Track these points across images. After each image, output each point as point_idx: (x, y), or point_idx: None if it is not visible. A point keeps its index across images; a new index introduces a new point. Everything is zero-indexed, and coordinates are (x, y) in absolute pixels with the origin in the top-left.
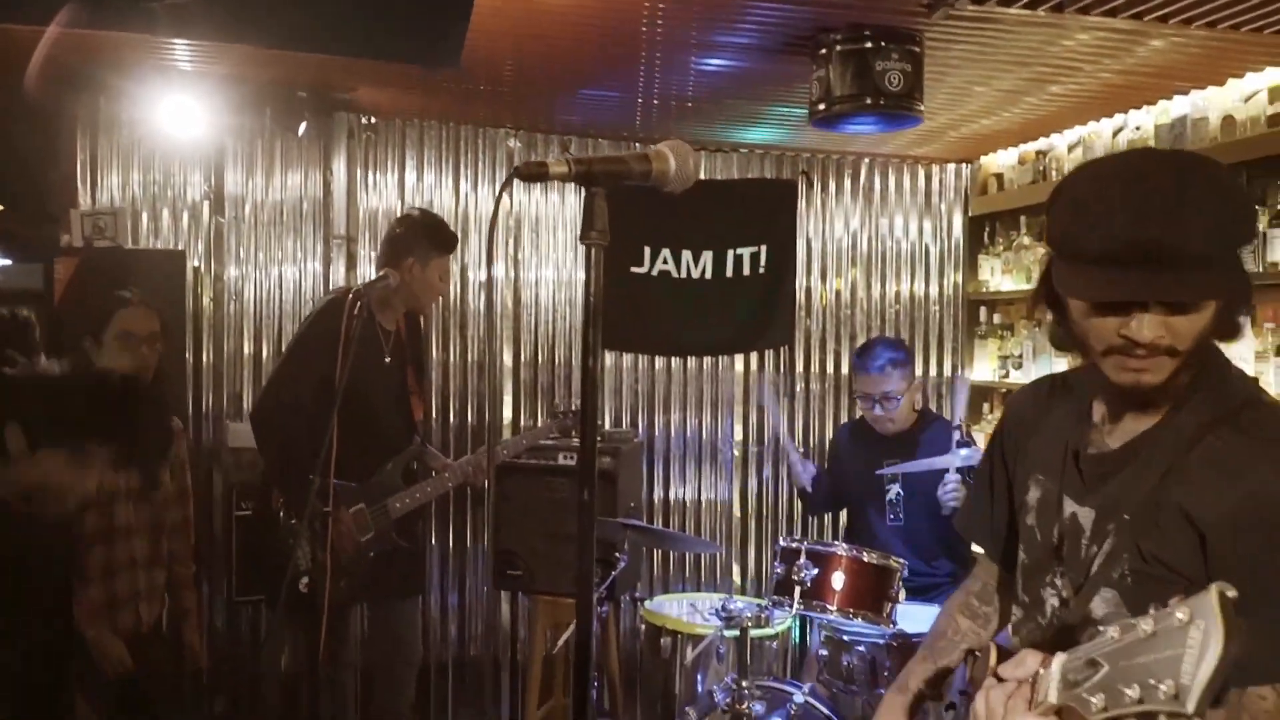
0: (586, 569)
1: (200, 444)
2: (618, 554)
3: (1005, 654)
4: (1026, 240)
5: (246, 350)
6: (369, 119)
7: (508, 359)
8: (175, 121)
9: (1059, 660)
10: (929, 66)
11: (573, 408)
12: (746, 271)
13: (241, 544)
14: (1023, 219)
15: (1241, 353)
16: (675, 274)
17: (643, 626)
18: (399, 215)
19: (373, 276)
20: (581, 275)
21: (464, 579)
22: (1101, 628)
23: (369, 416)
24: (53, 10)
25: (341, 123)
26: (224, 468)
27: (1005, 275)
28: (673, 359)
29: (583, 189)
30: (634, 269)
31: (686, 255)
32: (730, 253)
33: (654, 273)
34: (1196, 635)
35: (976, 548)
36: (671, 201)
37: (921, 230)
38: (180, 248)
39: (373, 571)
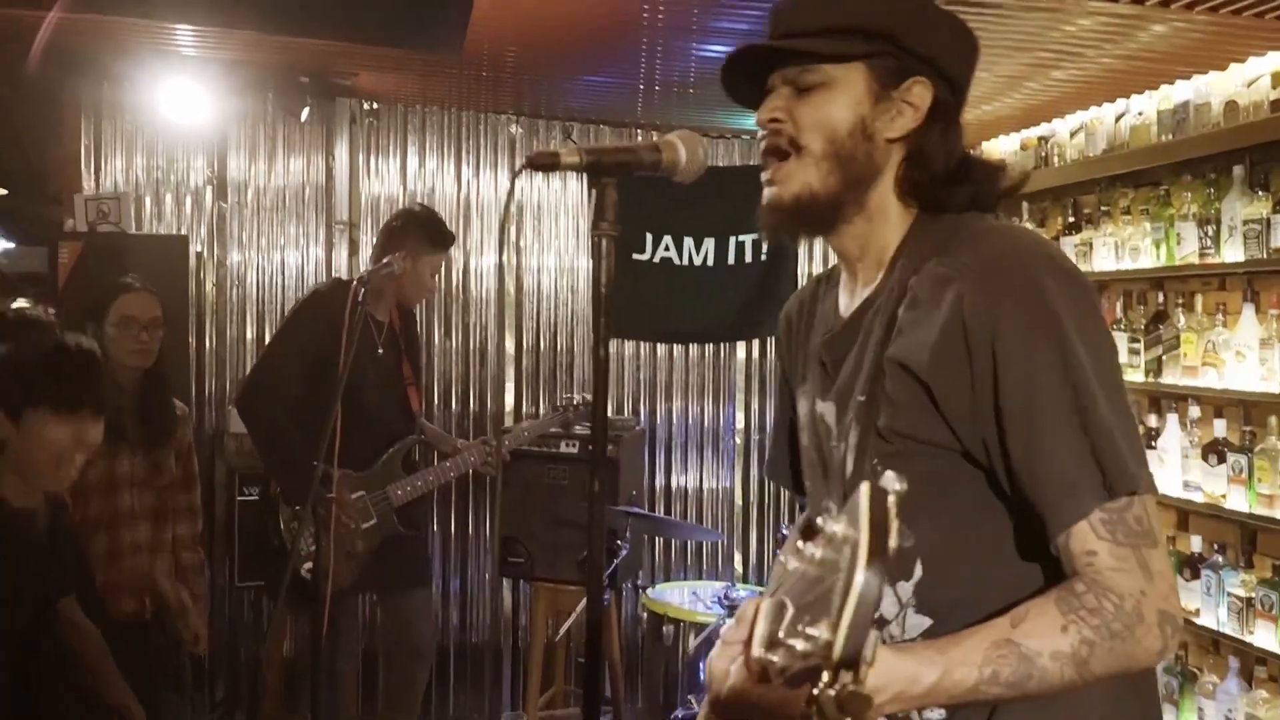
0: (597, 557)
1: (203, 429)
2: (619, 541)
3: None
4: (1029, 226)
5: (249, 335)
6: (371, 104)
7: (510, 346)
8: (178, 106)
9: (764, 605)
10: None
11: (574, 401)
12: (749, 259)
13: (244, 529)
14: (1025, 205)
15: (1246, 340)
16: (677, 261)
17: (644, 614)
18: (400, 209)
19: (369, 265)
20: (583, 262)
21: (465, 566)
22: (800, 546)
23: (362, 406)
24: None
25: (344, 108)
26: (226, 453)
27: None
28: (674, 346)
29: (591, 178)
30: (635, 256)
31: (688, 242)
32: (732, 240)
33: (655, 259)
34: (846, 555)
35: None
36: (673, 188)
37: None
38: (183, 233)
39: (378, 561)
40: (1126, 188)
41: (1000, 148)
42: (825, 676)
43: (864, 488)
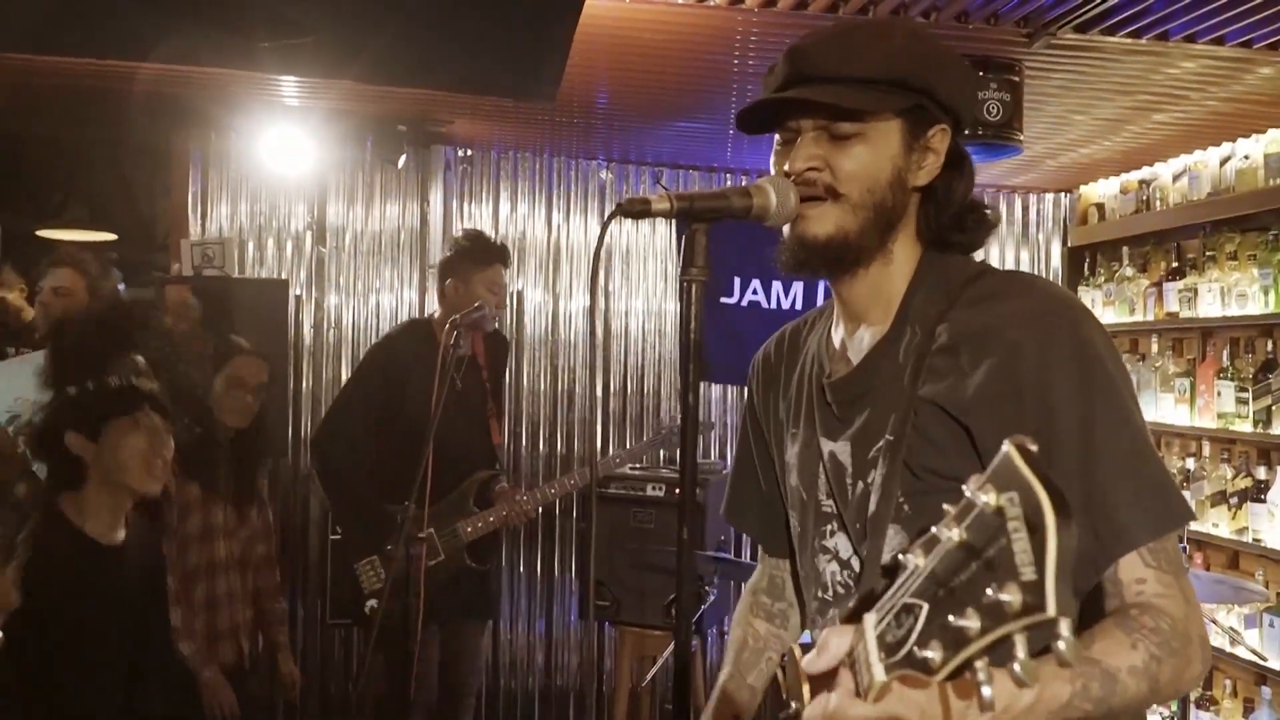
0: (686, 605)
1: (298, 468)
2: (707, 587)
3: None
4: (1129, 272)
5: (344, 376)
6: (465, 151)
7: (598, 389)
8: (280, 155)
9: (868, 625)
10: (1027, 94)
11: (674, 426)
12: None
13: (335, 568)
14: (1125, 250)
15: None
16: (766, 304)
17: None
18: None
19: (436, 306)
20: (671, 306)
21: (551, 607)
22: (901, 558)
23: (446, 442)
24: (165, 49)
25: (438, 154)
26: (320, 492)
27: (1107, 307)
28: None
29: (680, 224)
30: (724, 299)
31: (777, 286)
32: (821, 284)
33: (744, 303)
34: (1017, 514)
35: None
36: (763, 232)
37: (1019, 261)
38: (284, 276)
39: (443, 593)
40: (1233, 232)
41: (1100, 191)
42: (1021, 644)
43: (1008, 448)
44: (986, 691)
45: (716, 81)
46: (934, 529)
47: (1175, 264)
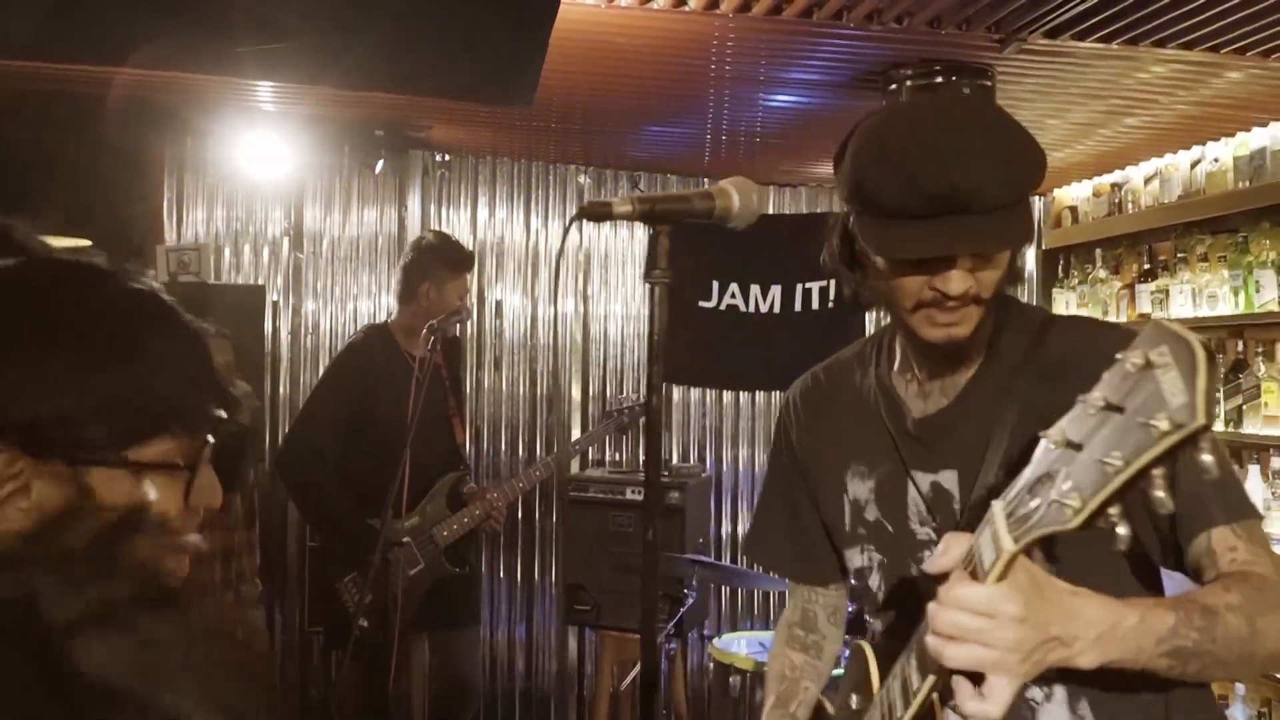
0: (650, 606)
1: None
2: (686, 590)
3: (884, 647)
4: (1103, 274)
5: None
6: (443, 156)
7: (576, 393)
8: (257, 160)
9: (996, 509)
10: (1000, 99)
11: (626, 404)
12: (815, 305)
13: (313, 575)
14: (1098, 252)
15: None
16: (743, 308)
17: (711, 664)
18: (411, 242)
19: (395, 306)
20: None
21: (531, 612)
22: (1040, 435)
23: (414, 448)
24: (141, 52)
25: (416, 160)
26: None
27: (1081, 308)
28: (741, 393)
29: (648, 227)
30: (702, 303)
31: (755, 289)
32: (799, 287)
33: (722, 307)
34: (1166, 361)
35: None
36: (740, 235)
37: None
38: (260, 282)
39: (427, 601)
40: (1203, 234)
41: (1073, 194)
42: (1160, 476)
43: (1153, 320)
44: (1123, 530)
45: (694, 86)
46: (1079, 399)
47: (1148, 266)
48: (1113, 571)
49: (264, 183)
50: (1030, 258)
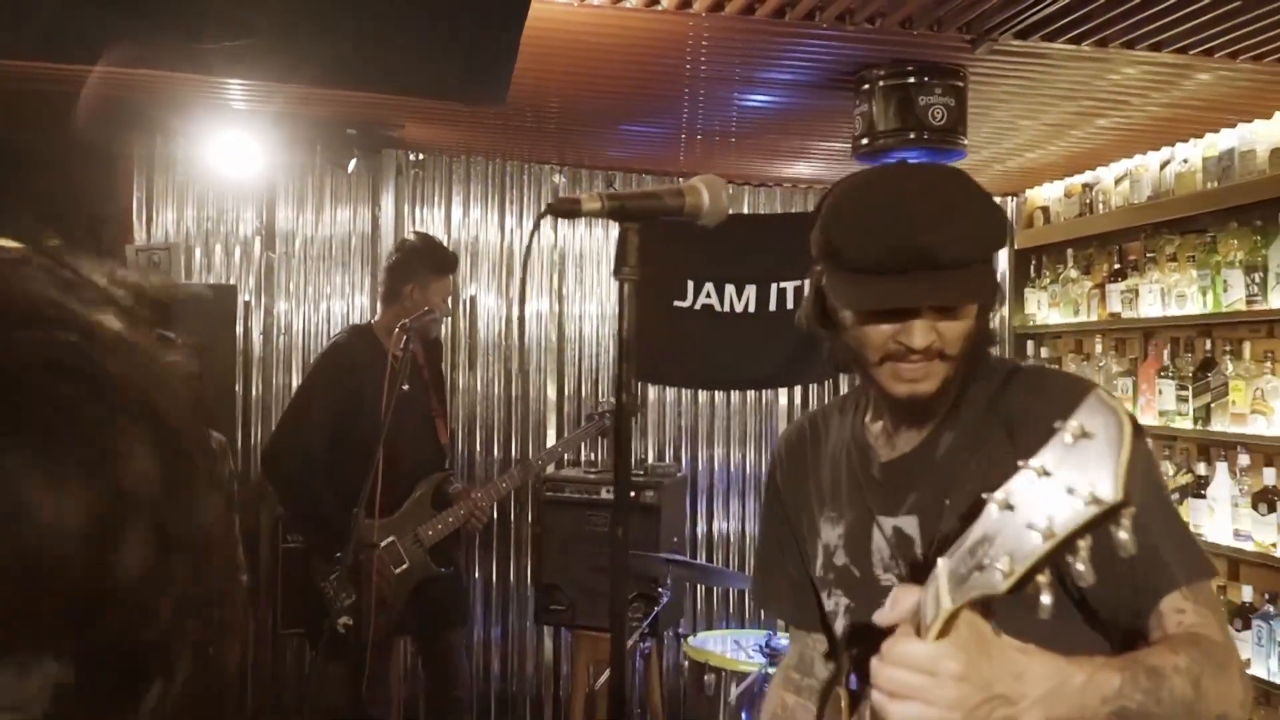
0: (619, 606)
1: (249, 476)
2: (660, 589)
3: (860, 695)
4: (1074, 273)
5: (294, 383)
6: (416, 155)
7: (551, 392)
8: (228, 159)
9: (940, 566)
10: (973, 100)
11: (608, 408)
12: (790, 305)
13: (287, 577)
14: (1070, 252)
15: None
16: (718, 308)
17: (686, 663)
18: (396, 243)
19: (379, 307)
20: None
21: (506, 613)
22: (985, 496)
23: (396, 446)
24: (110, 51)
25: (390, 159)
26: (271, 500)
27: (1053, 308)
28: (716, 393)
29: (617, 225)
30: (677, 303)
31: (730, 289)
32: (774, 286)
33: (697, 306)
34: (1095, 430)
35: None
36: (715, 235)
37: None
38: (232, 282)
39: (413, 604)
40: (1173, 235)
41: (1045, 194)
42: (1084, 548)
43: (1093, 393)
44: (1045, 599)
45: (668, 85)
46: (1019, 469)
47: (1118, 265)
48: (1070, 622)
49: (235, 182)
50: (1003, 257)
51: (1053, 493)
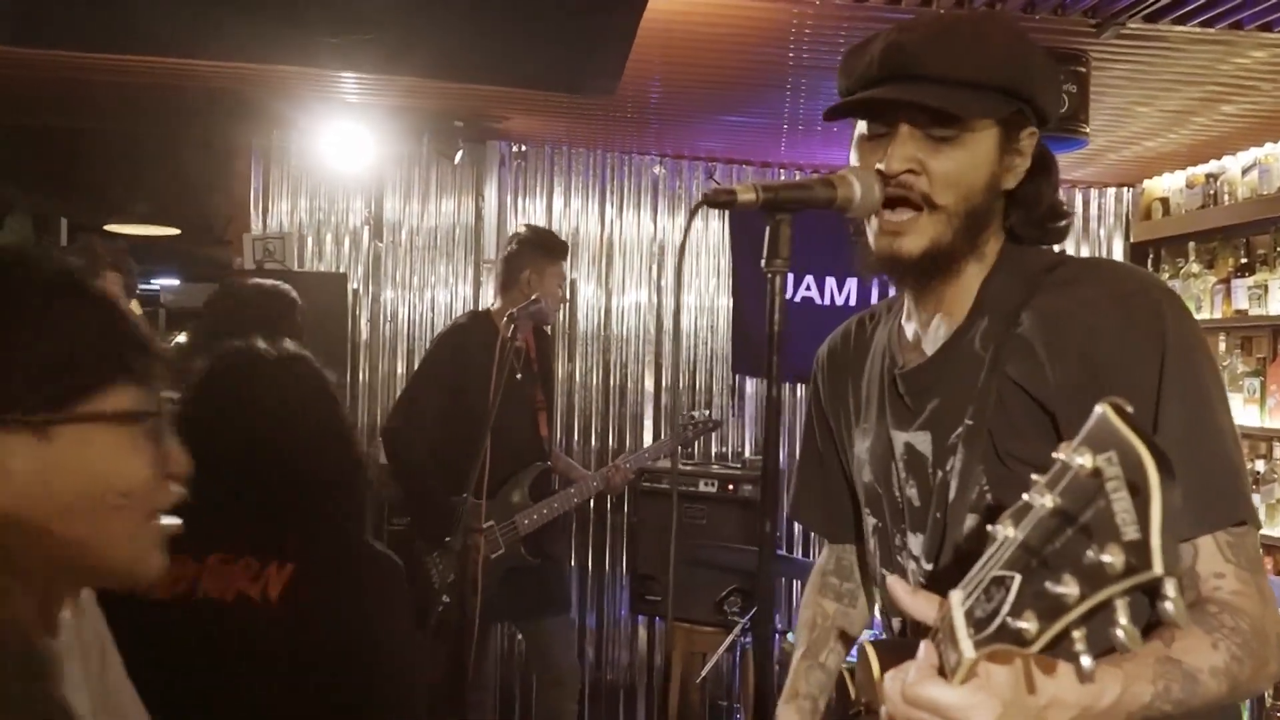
0: (766, 604)
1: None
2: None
3: (888, 646)
4: (1196, 268)
5: (399, 370)
6: (520, 146)
7: (649, 384)
8: (340, 151)
9: (954, 601)
10: (1091, 86)
11: (694, 419)
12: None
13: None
14: (1191, 245)
15: None
16: (818, 300)
17: (782, 658)
18: (510, 235)
19: (493, 298)
20: (723, 301)
21: (602, 601)
22: (991, 530)
23: (499, 433)
24: (231, 46)
25: (493, 150)
26: (376, 483)
27: None
28: None
29: (735, 217)
30: None
31: (830, 282)
32: (876, 280)
33: (797, 299)
34: (1116, 473)
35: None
36: (816, 228)
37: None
38: (342, 271)
39: (508, 590)
40: None
41: (1164, 185)
42: (1122, 609)
43: (1102, 409)
44: (1086, 661)
45: (770, 75)
46: (1025, 496)
47: (1244, 260)
48: None
49: (346, 173)
50: (1118, 250)
51: (1076, 542)
